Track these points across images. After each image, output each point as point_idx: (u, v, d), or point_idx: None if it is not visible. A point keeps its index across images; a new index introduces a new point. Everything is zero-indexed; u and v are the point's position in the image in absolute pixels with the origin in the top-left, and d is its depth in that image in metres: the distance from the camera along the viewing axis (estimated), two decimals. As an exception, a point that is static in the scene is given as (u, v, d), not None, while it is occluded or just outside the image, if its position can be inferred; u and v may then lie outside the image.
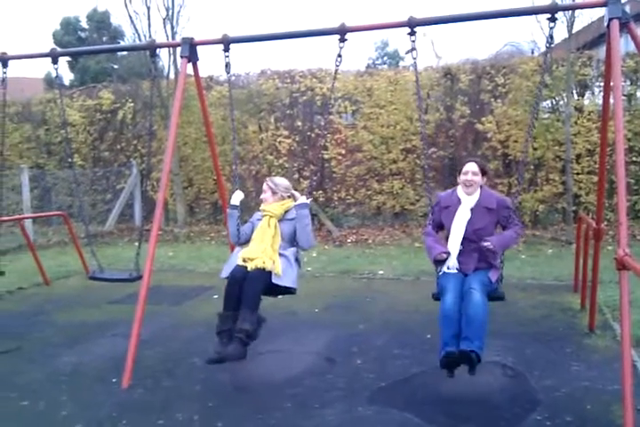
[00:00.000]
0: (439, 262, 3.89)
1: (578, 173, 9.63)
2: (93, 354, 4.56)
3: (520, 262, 7.63)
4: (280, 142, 11.15)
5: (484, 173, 3.96)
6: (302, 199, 4.24)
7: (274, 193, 4.30)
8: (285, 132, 11.18)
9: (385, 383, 3.83)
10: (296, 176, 11.04)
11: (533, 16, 7.75)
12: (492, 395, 3.61)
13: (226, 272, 4.05)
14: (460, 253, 3.83)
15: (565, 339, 4.61)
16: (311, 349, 4.55)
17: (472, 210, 3.88)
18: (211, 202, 11.91)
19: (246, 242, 4.27)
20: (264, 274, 3.89)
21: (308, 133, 11.14)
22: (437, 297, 3.82)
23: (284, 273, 3.95)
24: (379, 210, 11.15)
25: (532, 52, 11.22)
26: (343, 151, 10.90)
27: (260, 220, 4.27)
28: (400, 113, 10.43)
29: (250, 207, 11.37)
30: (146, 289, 4.14)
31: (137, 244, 5.03)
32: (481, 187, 3.97)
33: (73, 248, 7.25)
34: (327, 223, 10.64)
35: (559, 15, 4.40)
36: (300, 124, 11.20)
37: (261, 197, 4.36)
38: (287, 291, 4.07)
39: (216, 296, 6.39)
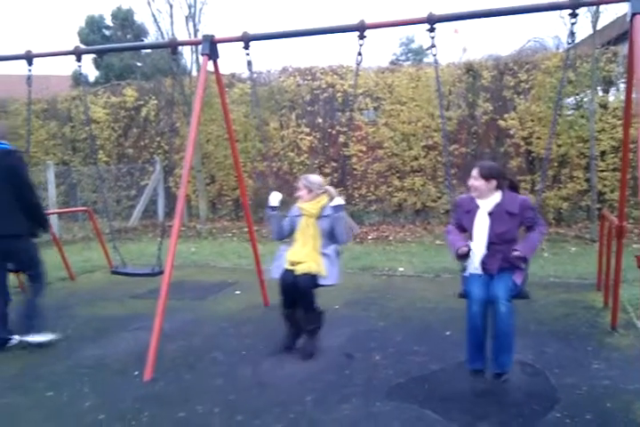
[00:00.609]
0: (462, 257, 3.87)
1: (602, 171, 9.49)
2: (116, 347, 4.65)
3: (543, 261, 7.56)
4: (301, 139, 11.19)
5: (492, 177, 3.84)
6: (338, 200, 4.39)
7: (309, 191, 4.46)
8: (306, 130, 11.21)
9: (403, 380, 3.84)
10: (317, 173, 11.05)
11: (556, 12, 7.64)
12: (512, 392, 3.60)
13: (276, 273, 4.34)
14: (484, 255, 3.82)
15: (587, 337, 4.58)
16: (330, 344, 4.57)
17: (491, 214, 3.84)
18: (232, 198, 11.99)
19: (288, 237, 4.56)
20: (311, 277, 4.20)
21: (329, 130, 11.15)
22: (463, 295, 3.84)
23: (328, 273, 4.24)
24: (400, 207, 11.13)
25: (557, 48, 11.07)
26: (364, 148, 10.89)
27: (298, 216, 4.48)
28: (421, 110, 10.39)
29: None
30: (167, 284, 4.20)
31: (159, 239, 5.10)
32: (503, 190, 3.90)
33: (97, 244, 7.37)
34: (348, 220, 10.64)
35: (583, 11, 4.37)
36: (320, 121, 11.22)
37: (297, 194, 4.52)
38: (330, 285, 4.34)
39: (238, 292, 6.47)
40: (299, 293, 4.19)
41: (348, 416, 3.31)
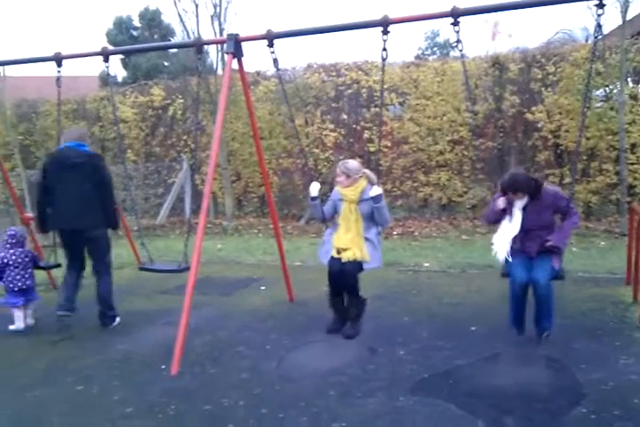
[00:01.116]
0: (494, 215, 4.43)
1: (632, 163, 9.29)
2: (144, 342, 4.73)
3: (572, 255, 7.43)
4: (326, 136, 11.20)
5: (518, 191, 4.25)
6: (376, 190, 4.55)
7: (347, 176, 4.67)
8: (331, 126, 11.20)
9: (428, 374, 3.84)
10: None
11: (584, 2, 7.50)
12: (537, 388, 3.56)
13: (325, 258, 4.69)
14: (526, 238, 4.29)
15: (615, 332, 4.50)
16: (355, 339, 4.59)
17: (525, 208, 4.30)
18: (258, 195, 12.06)
19: (331, 219, 4.88)
20: (357, 264, 4.55)
21: (354, 126, 11.14)
22: (505, 275, 4.35)
23: (371, 257, 4.57)
24: (425, 202, 11.07)
25: (587, 40, 10.86)
26: (389, 144, 10.84)
27: (339, 200, 4.74)
28: (447, 104, 10.30)
29: (299, 200, 11.50)
30: (193, 279, 4.26)
31: (186, 236, 5.17)
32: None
33: (126, 241, 7.48)
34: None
35: (612, 1, 4.29)
36: (345, 117, 11.21)
37: (337, 180, 4.76)
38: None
39: (263, 288, 6.52)
40: (345, 280, 4.52)
41: (372, 411, 3.33)
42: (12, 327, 5.15)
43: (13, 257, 5.14)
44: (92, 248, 5.17)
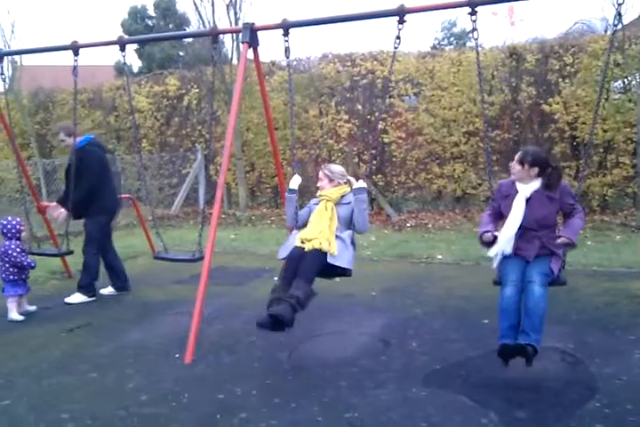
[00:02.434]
0: (486, 244, 3.87)
1: (650, 156, 9.19)
2: (158, 331, 4.78)
3: (586, 249, 7.39)
4: (340, 126, 11.16)
5: (534, 164, 3.74)
6: (360, 183, 4.25)
7: (330, 180, 4.39)
8: (345, 117, 11.16)
9: (440, 366, 3.84)
10: (356, 160, 11.04)
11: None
12: (550, 381, 3.55)
13: (283, 253, 4.16)
14: (521, 240, 3.77)
15: (630, 327, 4.47)
16: (367, 330, 4.61)
17: (529, 200, 3.77)
18: (271, 186, 12.08)
19: (303, 226, 4.33)
20: (320, 254, 3.94)
21: (368, 117, 11.09)
22: (497, 282, 3.82)
23: (339, 254, 3.98)
24: (439, 194, 11.03)
25: (605, 31, 10.69)
26: (403, 135, 10.79)
27: (317, 204, 4.37)
28: (463, 95, 10.23)
29: (311, 191, 11.47)
30: (207, 269, 4.28)
31: (200, 226, 5.19)
32: (545, 177, 3.80)
33: (140, 230, 7.54)
34: (386, 207, 10.62)
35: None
36: (360, 107, 11.16)
37: (318, 184, 4.44)
38: (343, 273, 4.10)
39: (276, 278, 6.53)
40: (303, 265, 3.91)
41: (384, 401, 3.34)
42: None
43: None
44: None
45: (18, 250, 5.12)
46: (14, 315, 5.12)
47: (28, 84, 14.73)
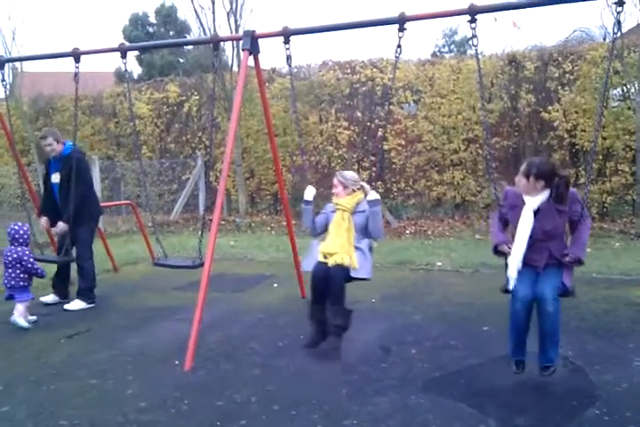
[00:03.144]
0: (499, 254, 3.83)
1: (649, 164, 9.21)
2: (157, 337, 4.77)
3: (586, 256, 7.37)
4: (340, 133, 11.19)
5: (540, 177, 3.60)
6: (374, 195, 4.36)
7: (345, 187, 4.46)
8: (345, 124, 11.20)
9: (439, 374, 3.84)
10: (355, 167, 11.06)
11: (602, 0, 7.46)
12: (550, 388, 3.55)
13: (308, 266, 4.33)
14: (530, 250, 3.66)
15: (629, 334, 4.48)
16: (367, 337, 4.60)
17: (537, 212, 3.67)
18: (271, 193, 12.09)
19: (322, 233, 4.52)
20: (343, 269, 4.14)
21: (368, 124, 11.12)
22: (507, 291, 3.70)
23: (360, 266, 4.18)
24: (439, 201, 11.04)
25: (604, 38, 10.74)
26: (403, 142, 10.82)
27: (333, 212, 4.48)
28: (462, 102, 10.26)
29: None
30: (207, 275, 4.29)
31: (200, 232, 5.20)
32: (553, 188, 3.66)
33: (140, 236, 7.54)
34: (386, 214, 10.62)
35: (629, -1, 4.24)
36: (359, 114, 11.20)
37: (333, 191, 4.52)
38: (362, 279, 4.27)
39: (276, 285, 6.55)
40: (330, 285, 4.11)
41: (384, 409, 3.33)
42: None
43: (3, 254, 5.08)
44: None
45: (32, 257, 5.10)
46: (21, 321, 5.02)
47: (29, 91, 14.77)
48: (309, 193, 4.58)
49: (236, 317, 5.30)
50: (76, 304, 5.67)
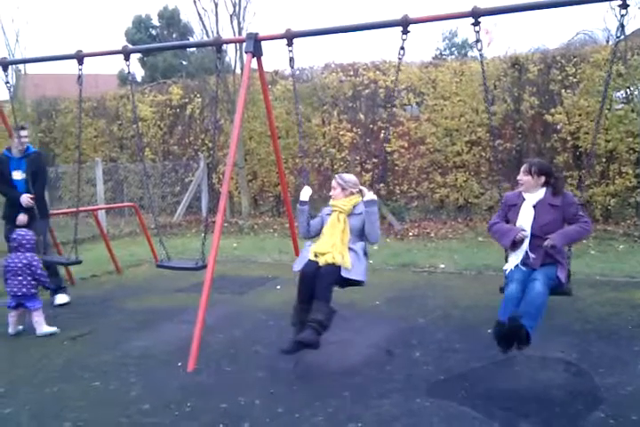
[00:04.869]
0: (516, 245, 3.99)
1: (653, 166, 9.19)
2: (160, 339, 4.77)
3: (589, 258, 7.38)
4: (342, 135, 11.19)
5: (541, 173, 4.04)
6: (370, 196, 4.32)
7: (343, 189, 4.44)
8: (348, 126, 11.20)
9: (443, 377, 3.82)
10: (358, 169, 11.05)
11: (606, 3, 7.43)
12: (554, 391, 3.53)
13: (298, 266, 4.21)
14: (527, 249, 3.95)
15: (634, 337, 4.45)
16: (370, 340, 4.59)
17: (535, 207, 4.01)
18: (274, 195, 12.09)
19: (316, 236, 4.44)
20: (334, 268, 4.03)
21: (371, 126, 11.12)
22: (504, 289, 3.99)
23: (352, 267, 4.08)
24: (442, 203, 11.02)
25: (607, 41, 10.74)
26: (406, 144, 10.81)
27: (329, 215, 4.43)
28: (465, 105, 10.25)
29: (313, 200, 11.47)
30: (210, 277, 4.29)
31: (203, 234, 5.20)
32: (549, 187, 4.07)
33: (143, 238, 7.54)
34: (389, 217, 10.61)
35: (632, 1, 4.24)
36: (362, 117, 11.20)
37: (331, 193, 4.50)
38: (356, 283, 4.18)
39: (279, 287, 6.54)
40: (317, 284, 3.97)
41: (388, 412, 3.32)
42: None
43: (6, 262, 4.94)
44: None
45: (41, 265, 5.02)
46: (47, 328, 4.91)
47: (32, 93, 14.81)
48: (305, 194, 4.56)
49: (239, 319, 5.29)
50: (63, 298, 5.89)
